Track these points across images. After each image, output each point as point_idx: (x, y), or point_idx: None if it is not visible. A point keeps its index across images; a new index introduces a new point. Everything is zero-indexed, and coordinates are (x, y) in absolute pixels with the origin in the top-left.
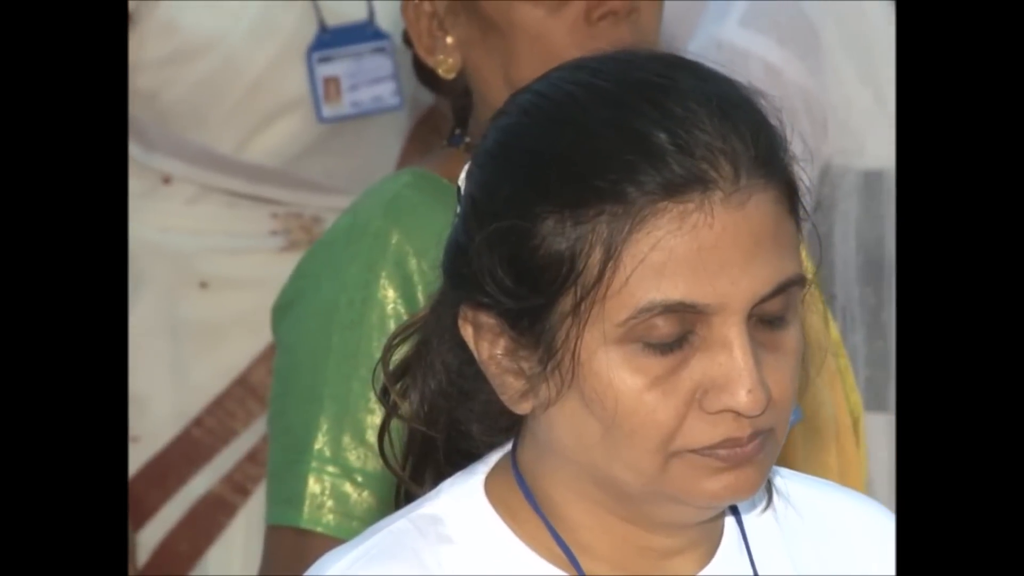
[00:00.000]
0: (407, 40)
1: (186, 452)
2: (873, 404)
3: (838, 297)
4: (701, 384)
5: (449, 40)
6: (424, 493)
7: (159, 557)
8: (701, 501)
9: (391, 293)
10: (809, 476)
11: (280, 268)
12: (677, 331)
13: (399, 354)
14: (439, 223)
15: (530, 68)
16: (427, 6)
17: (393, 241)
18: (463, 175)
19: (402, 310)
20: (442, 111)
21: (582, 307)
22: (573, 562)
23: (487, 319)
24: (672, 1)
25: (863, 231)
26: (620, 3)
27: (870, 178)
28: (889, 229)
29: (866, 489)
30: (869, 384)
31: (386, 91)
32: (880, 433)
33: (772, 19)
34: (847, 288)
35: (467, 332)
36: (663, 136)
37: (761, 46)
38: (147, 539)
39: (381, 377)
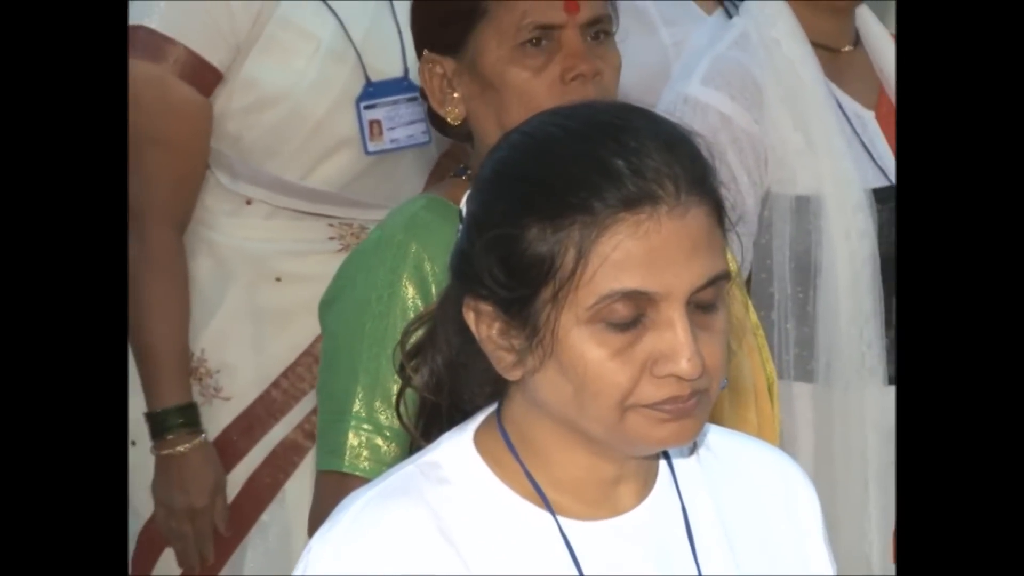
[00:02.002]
0: (423, 95)
1: (267, 407)
2: (800, 376)
3: (775, 294)
4: (651, 355)
5: (455, 95)
6: None
7: (247, 489)
8: (652, 445)
9: (411, 291)
10: (728, 429)
11: (336, 266)
12: (632, 313)
13: (414, 339)
14: (447, 236)
15: (518, 116)
16: (439, 69)
17: (412, 250)
18: (464, 200)
19: (420, 303)
20: (461, 147)
21: (559, 296)
22: (541, 496)
23: (485, 307)
24: (646, 67)
25: (794, 243)
26: (587, 68)
27: (800, 202)
28: (815, 241)
29: (779, 441)
30: (797, 360)
31: (417, 131)
32: (805, 398)
33: (726, 79)
34: (782, 286)
35: (470, 317)
36: (621, 163)
37: (717, 100)
38: (238, 476)
39: (399, 356)
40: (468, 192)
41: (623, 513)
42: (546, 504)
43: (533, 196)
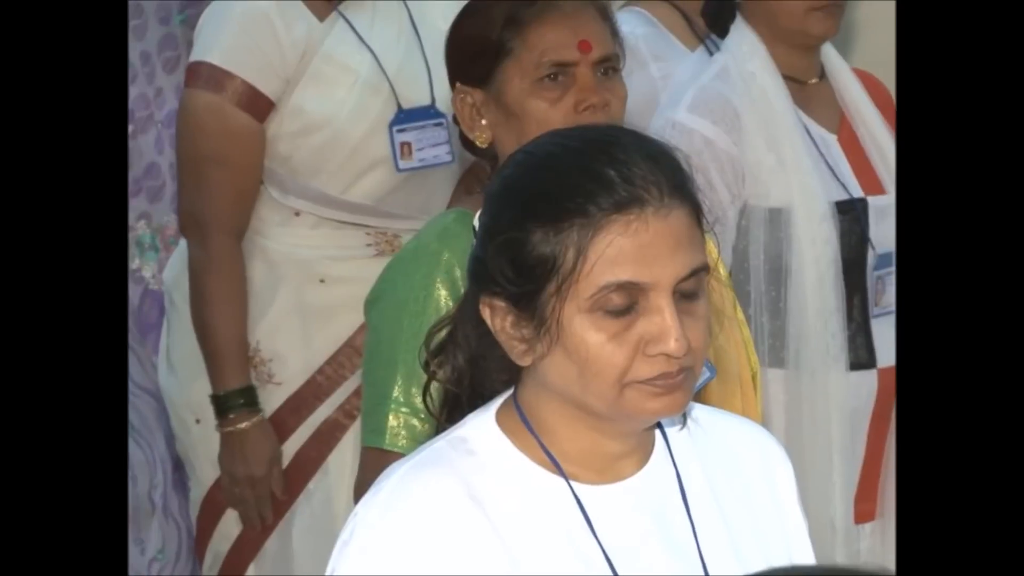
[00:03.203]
0: (456, 120)
1: (313, 391)
2: (773, 362)
3: (751, 292)
4: (643, 337)
5: (484, 122)
6: None
7: (296, 460)
8: (647, 417)
9: (443, 292)
10: (713, 408)
11: (373, 269)
12: (626, 302)
13: (437, 339)
14: None
15: None
16: (469, 99)
17: (444, 258)
18: (476, 216)
19: (451, 303)
20: (481, 165)
21: (562, 289)
22: (555, 463)
23: (499, 302)
24: (638, 98)
25: (768, 248)
26: (598, 99)
27: (773, 213)
28: (785, 247)
29: (762, 423)
30: (771, 349)
31: (442, 151)
32: (778, 382)
33: (709, 107)
34: (757, 285)
35: (486, 313)
36: (612, 172)
37: (701, 125)
38: (288, 450)
39: (424, 354)
40: (481, 208)
41: (625, 479)
42: (559, 470)
43: (536, 204)
